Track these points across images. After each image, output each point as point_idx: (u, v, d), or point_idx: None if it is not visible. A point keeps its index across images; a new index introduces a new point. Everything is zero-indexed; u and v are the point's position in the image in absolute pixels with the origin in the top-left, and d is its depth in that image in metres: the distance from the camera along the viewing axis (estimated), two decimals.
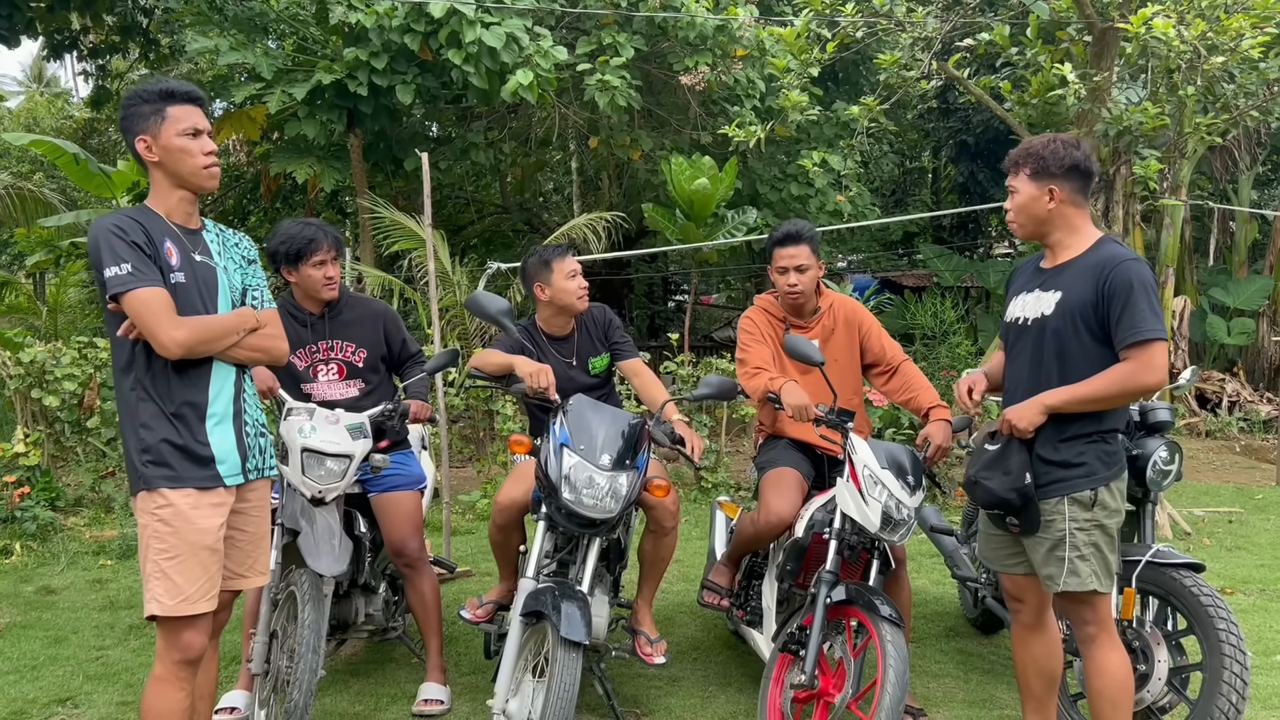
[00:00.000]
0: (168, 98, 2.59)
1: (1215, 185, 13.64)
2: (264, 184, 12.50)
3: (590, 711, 3.69)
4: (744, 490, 7.27)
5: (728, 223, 10.17)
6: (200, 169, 2.61)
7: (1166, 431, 3.65)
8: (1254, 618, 4.85)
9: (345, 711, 3.68)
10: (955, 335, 11.03)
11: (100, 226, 2.52)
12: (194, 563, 2.54)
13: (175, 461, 2.54)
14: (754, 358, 3.82)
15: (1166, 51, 5.77)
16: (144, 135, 2.58)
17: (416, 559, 3.76)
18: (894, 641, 3.07)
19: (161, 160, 2.59)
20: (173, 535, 2.52)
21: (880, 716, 2.95)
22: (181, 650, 2.58)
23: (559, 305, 3.87)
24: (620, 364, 4.04)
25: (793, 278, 3.78)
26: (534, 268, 3.90)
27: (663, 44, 9.80)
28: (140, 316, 2.49)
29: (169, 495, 2.53)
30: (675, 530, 3.74)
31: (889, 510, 3.23)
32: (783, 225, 3.85)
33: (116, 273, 2.47)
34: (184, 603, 2.53)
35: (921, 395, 3.81)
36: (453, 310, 9.10)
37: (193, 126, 2.59)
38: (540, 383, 3.39)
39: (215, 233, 2.77)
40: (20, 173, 17.27)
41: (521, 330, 3.86)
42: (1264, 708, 3.77)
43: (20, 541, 5.92)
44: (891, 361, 3.94)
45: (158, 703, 2.60)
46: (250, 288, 2.78)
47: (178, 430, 2.56)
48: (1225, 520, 7.11)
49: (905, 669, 3.04)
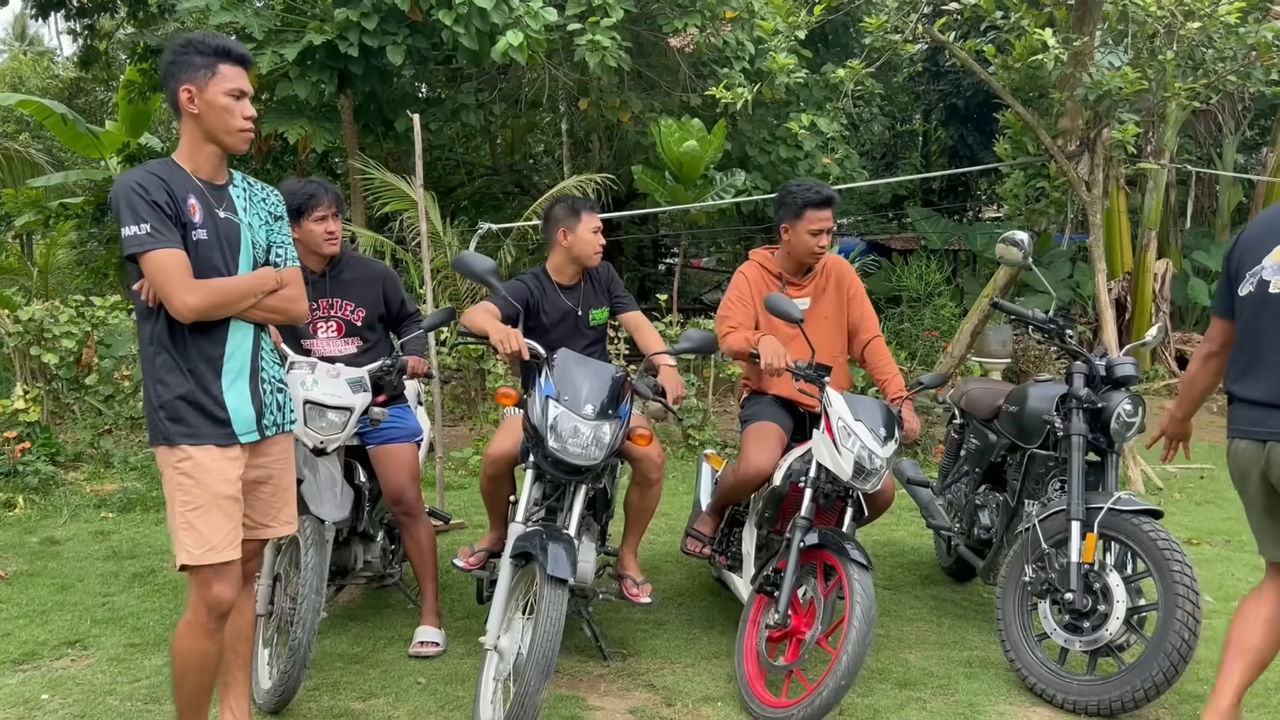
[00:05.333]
0: (223, 55, 2.59)
1: (1200, 149, 13.74)
2: (255, 144, 12.49)
3: (579, 652, 3.86)
4: (730, 448, 7.44)
5: (716, 185, 10.24)
6: (237, 130, 2.62)
7: (1131, 386, 3.81)
8: (1217, 566, 5.06)
9: (344, 653, 3.85)
10: (940, 297, 11.16)
11: (123, 183, 2.53)
12: (217, 513, 2.59)
13: (192, 418, 2.59)
14: (733, 316, 3.96)
15: (1145, 16, 5.87)
16: (190, 85, 2.57)
17: (413, 507, 3.91)
18: (861, 581, 3.25)
19: (201, 114, 2.58)
20: (196, 487, 2.58)
21: (847, 649, 3.13)
22: (212, 603, 2.64)
23: (575, 254, 3.95)
24: (621, 316, 4.17)
25: (823, 239, 3.92)
26: (562, 213, 3.96)
27: (652, 5, 9.82)
28: (155, 279, 2.52)
29: (190, 450, 2.58)
30: (660, 482, 3.89)
31: (861, 460, 3.40)
32: (814, 185, 3.91)
33: (135, 232, 2.49)
34: (211, 551, 2.58)
35: (889, 384, 3.97)
36: (444, 271, 9.20)
37: (239, 88, 2.60)
38: (509, 347, 3.42)
39: (243, 187, 2.76)
40: (6, 133, 17.18)
41: (531, 277, 3.99)
42: (1220, 648, 3.95)
43: (23, 495, 6.06)
44: (866, 334, 4.10)
45: (187, 645, 2.68)
46: (275, 244, 2.78)
47: (193, 386, 2.59)
48: (1197, 476, 7.31)
49: (872, 606, 3.21)
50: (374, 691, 3.51)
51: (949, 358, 8.01)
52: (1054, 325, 3.91)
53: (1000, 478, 4.30)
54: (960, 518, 4.46)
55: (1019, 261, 4.05)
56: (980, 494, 4.34)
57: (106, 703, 3.39)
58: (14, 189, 14.24)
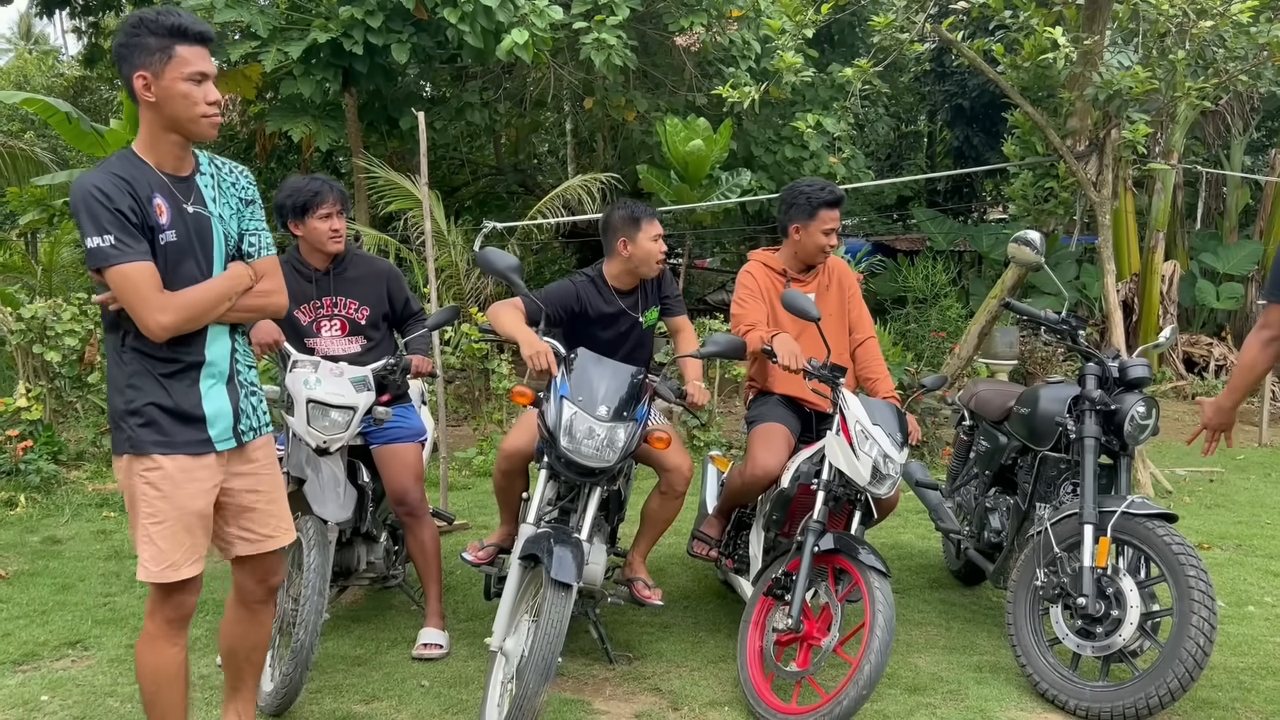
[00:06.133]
0: (178, 34, 2.35)
1: (1208, 150, 13.67)
2: (259, 143, 12.47)
3: (585, 655, 3.82)
4: (736, 449, 7.39)
5: (722, 184, 10.19)
6: (200, 117, 2.39)
7: (1144, 387, 3.76)
8: (1228, 570, 5.00)
9: (346, 654, 3.81)
10: (946, 298, 11.11)
11: (82, 189, 2.31)
12: (180, 529, 2.45)
13: (166, 425, 2.43)
14: (749, 314, 3.92)
15: (1157, 15, 5.82)
16: (144, 72, 2.34)
17: (417, 507, 3.87)
18: (881, 589, 3.21)
19: (159, 102, 2.36)
20: (161, 500, 2.43)
21: (869, 658, 3.09)
22: (173, 608, 2.53)
23: (635, 265, 3.80)
24: (667, 319, 4.09)
25: (833, 239, 3.93)
26: (621, 222, 3.78)
27: (658, 4, 9.78)
28: (124, 294, 2.34)
29: (160, 460, 2.42)
30: (684, 497, 3.86)
31: (878, 464, 3.36)
32: (825, 185, 3.91)
33: (99, 244, 2.29)
34: (169, 569, 2.44)
35: (879, 384, 3.98)
36: (448, 270, 9.17)
37: (199, 71, 2.37)
38: (540, 364, 3.36)
39: (210, 173, 2.54)
40: (11, 131, 17.16)
41: (584, 280, 3.85)
42: (1234, 654, 3.92)
43: (25, 494, 6.02)
44: (860, 333, 4.11)
45: (152, 659, 2.56)
46: (248, 232, 2.57)
47: (168, 392, 2.43)
48: (1206, 479, 7.26)
49: (893, 614, 3.18)
50: (377, 694, 3.47)
51: (956, 359, 7.95)
52: (1066, 326, 3.87)
53: (1010, 480, 4.25)
54: (970, 521, 4.41)
55: (1031, 261, 4.01)
56: (990, 497, 4.29)
57: (107, 704, 3.35)
58: (18, 187, 14.20)
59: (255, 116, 12.05)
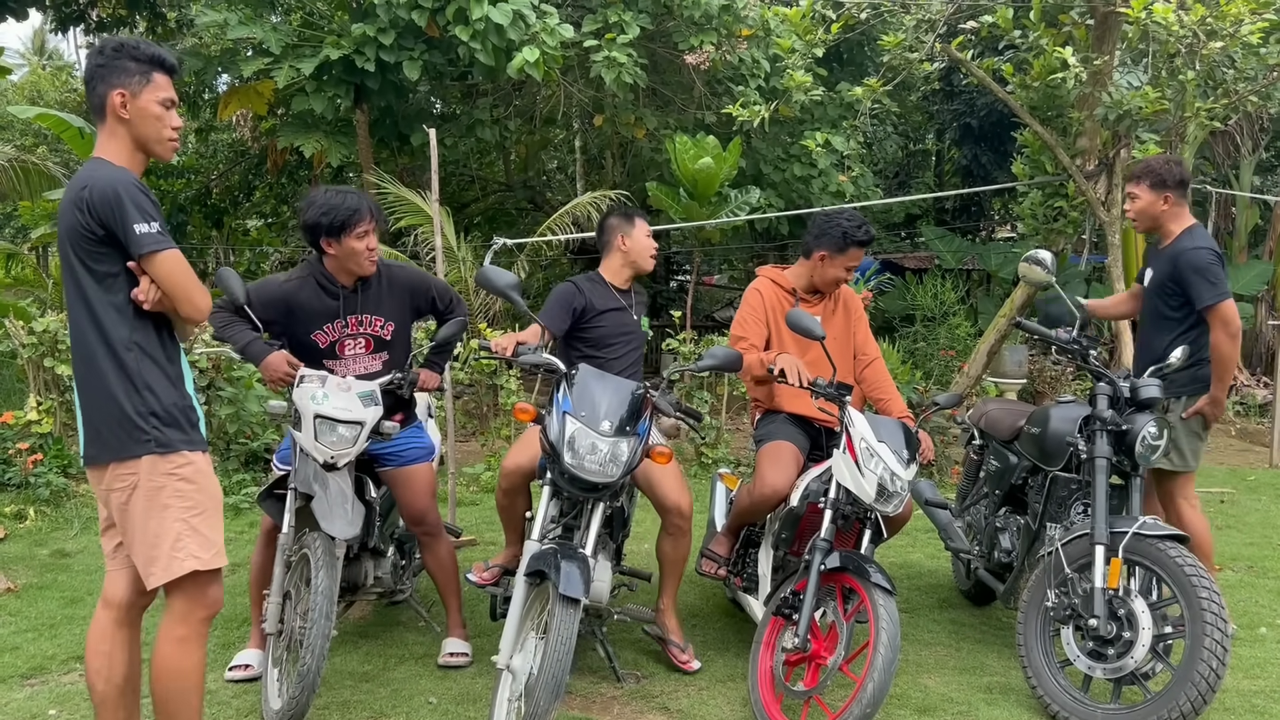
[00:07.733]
0: (158, 64, 2.57)
1: (1217, 170, 13.66)
2: (270, 158, 12.57)
3: (593, 673, 3.81)
4: (744, 466, 7.37)
5: (731, 202, 10.22)
6: (166, 139, 2.61)
7: (1155, 408, 3.74)
8: (1240, 592, 4.97)
9: (355, 670, 3.80)
10: (955, 316, 11.09)
11: (118, 182, 2.46)
12: (216, 516, 2.63)
13: (185, 423, 2.58)
14: (749, 336, 3.96)
15: (1166, 36, 5.83)
16: (124, 90, 2.53)
17: (435, 527, 3.89)
18: (886, 606, 3.19)
19: (133, 119, 2.55)
20: (197, 492, 2.57)
21: (873, 676, 3.07)
22: (209, 605, 2.65)
23: (633, 258, 4.06)
24: None
25: (851, 275, 4.03)
26: (617, 221, 4.10)
27: (668, 23, 9.83)
28: (174, 277, 2.49)
29: (189, 455, 2.57)
30: (690, 532, 3.88)
31: (884, 482, 3.35)
32: (862, 223, 3.92)
33: (147, 230, 2.44)
34: (217, 555, 2.60)
35: (891, 404, 4.00)
36: (458, 285, 9.19)
37: (169, 98, 2.60)
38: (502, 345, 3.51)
39: None
40: (24, 145, 17.27)
41: (584, 278, 4.06)
42: (1246, 677, 3.89)
43: (34, 506, 6.03)
44: (868, 355, 4.14)
45: (185, 662, 2.62)
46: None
47: (179, 392, 2.59)
48: (1218, 500, 7.22)
49: (897, 632, 3.16)
50: (384, 711, 3.46)
51: (965, 377, 7.94)
52: (1078, 346, 3.86)
53: (1021, 500, 4.23)
54: (979, 540, 4.39)
55: (1043, 280, 4.00)
56: (1000, 516, 4.27)
57: None
58: (31, 201, 14.30)
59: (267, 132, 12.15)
